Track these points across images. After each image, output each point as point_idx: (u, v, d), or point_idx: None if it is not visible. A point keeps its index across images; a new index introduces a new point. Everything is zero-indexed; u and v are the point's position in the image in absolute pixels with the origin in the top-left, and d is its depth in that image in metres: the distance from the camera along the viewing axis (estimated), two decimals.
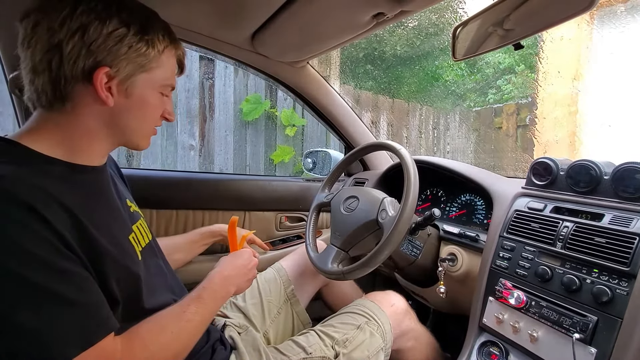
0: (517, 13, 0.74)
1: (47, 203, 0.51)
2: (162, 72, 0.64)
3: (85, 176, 0.61)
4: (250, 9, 0.91)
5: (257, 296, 1.02)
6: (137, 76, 0.61)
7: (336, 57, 3.20)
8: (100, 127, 0.62)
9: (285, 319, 1.03)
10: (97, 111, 0.60)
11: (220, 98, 2.62)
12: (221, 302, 0.77)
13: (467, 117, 3.80)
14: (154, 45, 0.62)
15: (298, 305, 1.06)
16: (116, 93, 0.60)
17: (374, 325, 0.91)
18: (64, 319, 0.49)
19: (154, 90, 0.65)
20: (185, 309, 0.67)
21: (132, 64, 0.60)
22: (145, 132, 0.68)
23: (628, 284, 0.66)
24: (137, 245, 0.68)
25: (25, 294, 0.47)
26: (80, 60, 0.56)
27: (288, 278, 1.08)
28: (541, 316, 0.76)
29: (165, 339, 0.62)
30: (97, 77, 0.56)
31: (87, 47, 0.55)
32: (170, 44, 0.65)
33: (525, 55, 3.24)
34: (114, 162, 0.83)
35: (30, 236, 0.48)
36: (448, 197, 1.26)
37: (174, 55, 0.67)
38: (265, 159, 2.83)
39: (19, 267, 0.47)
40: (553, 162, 0.88)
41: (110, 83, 0.59)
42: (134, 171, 1.57)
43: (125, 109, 0.62)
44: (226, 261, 0.82)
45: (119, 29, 0.57)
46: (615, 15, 2.47)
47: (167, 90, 0.68)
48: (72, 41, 0.55)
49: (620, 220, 0.72)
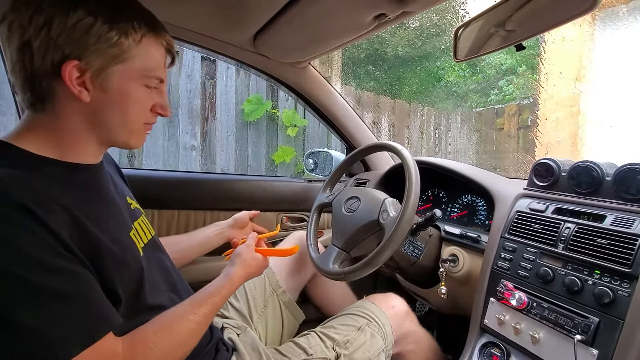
0: (519, 14, 0.74)
1: (43, 203, 0.51)
2: (141, 62, 0.60)
3: (80, 175, 0.61)
4: (252, 10, 0.92)
5: (244, 294, 1.00)
6: (112, 68, 0.57)
7: (338, 58, 3.20)
8: (84, 125, 0.59)
9: (274, 312, 1.01)
10: (77, 109, 0.58)
11: (221, 98, 2.63)
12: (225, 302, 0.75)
13: (469, 117, 3.79)
14: (128, 34, 0.57)
15: (285, 296, 1.03)
16: (91, 87, 0.57)
17: (375, 326, 0.91)
18: (64, 318, 0.49)
19: (134, 82, 0.60)
20: (195, 311, 0.66)
21: (103, 55, 0.56)
22: (133, 129, 0.63)
23: (630, 285, 0.66)
24: (138, 241, 0.68)
25: (25, 293, 0.47)
26: (48, 56, 0.53)
27: (272, 271, 1.05)
28: (543, 317, 0.76)
29: (171, 341, 0.61)
30: (65, 71, 0.54)
31: (54, 41, 0.53)
32: (149, 32, 0.60)
33: (527, 56, 3.24)
34: (113, 161, 0.82)
35: (27, 237, 0.48)
36: (449, 198, 1.26)
37: (156, 44, 0.62)
38: (267, 159, 2.83)
39: (17, 268, 0.47)
40: (555, 163, 0.87)
41: (83, 77, 0.56)
42: (136, 171, 1.57)
43: (104, 104, 0.59)
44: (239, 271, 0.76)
45: (84, 19, 0.54)
46: (617, 16, 2.46)
47: (151, 82, 0.62)
48: (39, 37, 0.53)
49: (622, 221, 0.72)
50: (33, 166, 0.55)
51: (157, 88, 0.64)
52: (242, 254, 0.79)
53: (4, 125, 1.87)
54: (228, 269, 0.76)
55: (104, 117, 0.60)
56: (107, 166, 0.72)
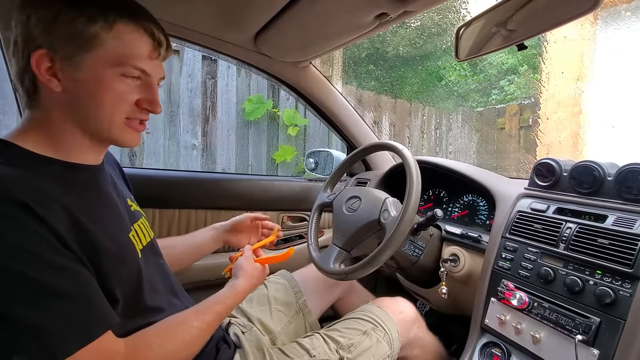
0: (521, 13, 0.74)
1: (42, 201, 0.51)
2: (112, 50, 0.56)
3: (81, 175, 0.61)
4: (254, 9, 0.91)
5: (266, 304, 0.99)
6: (81, 56, 0.55)
7: (339, 57, 3.20)
8: (65, 117, 0.59)
9: (297, 330, 1.00)
10: (56, 101, 0.57)
11: (222, 98, 2.63)
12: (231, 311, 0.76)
13: (470, 117, 3.79)
14: (96, 20, 0.55)
15: (311, 317, 1.03)
16: (62, 77, 0.56)
17: (381, 332, 0.90)
18: (62, 315, 0.50)
19: (107, 70, 0.57)
20: (199, 318, 0.66)
21: (70, 42, 0.55)
22: (113, 121, 0.60)
23: (631, 285, 0.66)
24: (137, 243, 0.68)
25: (23, 290, 0.48)
26: (26, 49, 0.55)
27: (300, 289, 1.05)
28: (543, 317, 0.75)
29: (173, 345, 0.62)
30: (33, 59, 0.54)
31: (32, 35, 0.54)
32: (122, 17, 0.57)
33: (529, 55, 3.23)
34: (116, 163, 0.83)
35: (26, 234, 0.49)
36: (450, 198, 1.26)
37: (132, 31, 0.58)
38: (268, 158, 2.83)
39: (15, 264, 0.47)
40: (556, 163, 0.87)
41: (54, 67, 0.55)
42: (137, 170, 1.57)
43: (78, 94, 0.57)
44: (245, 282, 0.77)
45: (54, 8, 0.54)
46: (619, 16, 2.46)
47: (129, 71, 0.59)
48: (21, 34, 0.55)
49: (623, 221, 0.72)
50: (32, 165, 0.55)
51: (139, 79, 0.61)
52: (244, 266, 0.79)
53: (5, 124, 1.87)
54: (233, 281, 0.76)
55: (81, 108, 0.58)
56: (108, 168, 0.72)
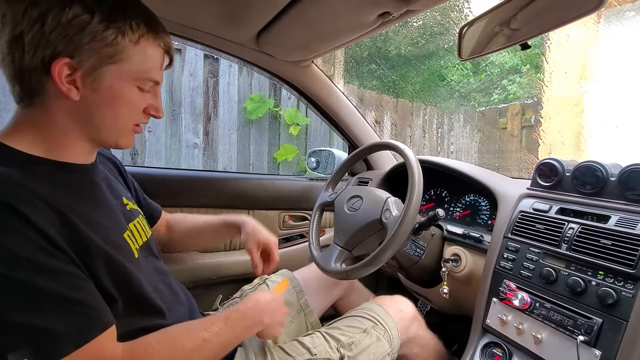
0: (524, 13, 0.74)
1: (30, 201, 0.50)
2: (136, 64, 0.58)
3: (71, 175, 0.60)
4: (256, 8, 0.91)
5: None
6: (104, 68, 0.56)
7: (340, 56, 3.19)
8: (72, 123, 0.58)
9: (298, 329, 0.99)
10: (66, 106, 0.56)
11: (224, 96, 2.63)
12: (247, 333, 0.71)
13: (472, 117, 3.78)
14: (125, 34, 0.55)
15: (312, 316, 1.02)
16: (81, 86, 0.55)
17: (381, 330, 0.90)
18: (56, 316, 0.49)
19: (127, 83, 0.59)
20: (206, 327, 0.64)
21: (97, 54, 0.54)
22: (122, 130, 0.62)
23: (634, 286, 0.66)
24: (133, 243, 0.67)
25: (15, 293, 0.47)
26: (39, 51, 0.52)
27: (301, 289, 1.04)
28: (545, 318, 0.75)
29: (173, 353, 0.60)
30: (55, 68, 0.52)
31: (47, 37, 0.52)
32: (147, 32, 0.58)
33: (531, 55, 3.22)
34: (115, 161, 0.82)
35: (13, 236, 0.48)
36: (452, 198, 1.26)
37: (154, 45, 0.60)
38: (269, 157, 2.83)
39: (5, 268, 0.47)
40: (559, 163, 0.87)
41: (74, 75, 0.54)
42: (138, 169, 1.57)
43: (94, 103, 0.57)
44: (265, 295, 0.77)
45: (80, 16, 0.52)
46: (622, 16, 2.45)
47: (145, 84, 0.61)
48: (32, 31, 0.51)
49: (626, 222, 0.71)
50: (21, 165, 0.54)
51: (149, 91, 0.63)
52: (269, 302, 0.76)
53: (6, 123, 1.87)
54: (238, 306, 0.74)
55: (94, 117, 0.59)
56: (102, 166, 0.71)
